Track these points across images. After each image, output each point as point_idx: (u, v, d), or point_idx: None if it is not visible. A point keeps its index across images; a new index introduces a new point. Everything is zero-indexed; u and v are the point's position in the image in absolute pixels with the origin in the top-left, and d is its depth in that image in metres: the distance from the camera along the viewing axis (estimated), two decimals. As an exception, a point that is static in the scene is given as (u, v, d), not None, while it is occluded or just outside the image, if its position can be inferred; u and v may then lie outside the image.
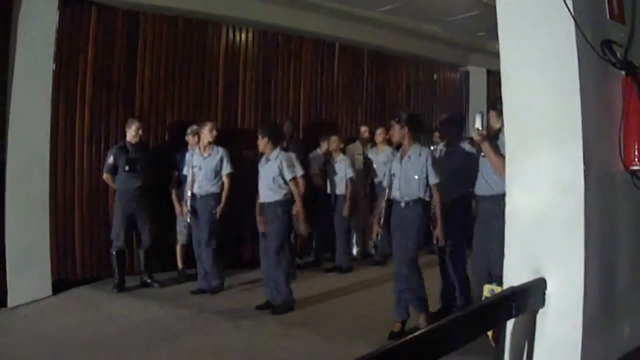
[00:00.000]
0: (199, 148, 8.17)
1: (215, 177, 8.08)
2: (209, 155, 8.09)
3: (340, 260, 9.63)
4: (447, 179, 6.56)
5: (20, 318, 6.87)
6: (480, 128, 5.23)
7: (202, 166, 8.05)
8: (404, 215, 6.29)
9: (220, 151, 8.15)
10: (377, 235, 6.74)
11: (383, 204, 6.72)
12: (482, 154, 5.68)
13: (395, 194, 6.40)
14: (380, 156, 9.87)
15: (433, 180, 6.26)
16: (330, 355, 5.55)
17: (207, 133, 8.11)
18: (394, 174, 6.48)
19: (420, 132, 6.62)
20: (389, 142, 9.31)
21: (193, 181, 8.07)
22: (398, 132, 6.45)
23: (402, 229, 6.28)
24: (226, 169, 8.12)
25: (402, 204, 6.32)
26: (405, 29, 11.53)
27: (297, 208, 7.32)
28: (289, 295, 7.25)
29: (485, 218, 5.59)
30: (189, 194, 8.07)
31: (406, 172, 6.33)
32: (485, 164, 5.58)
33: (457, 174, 6.64)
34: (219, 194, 8.09)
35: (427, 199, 6.30)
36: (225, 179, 8.12)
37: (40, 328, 6.52)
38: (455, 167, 6.75)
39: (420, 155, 6.32)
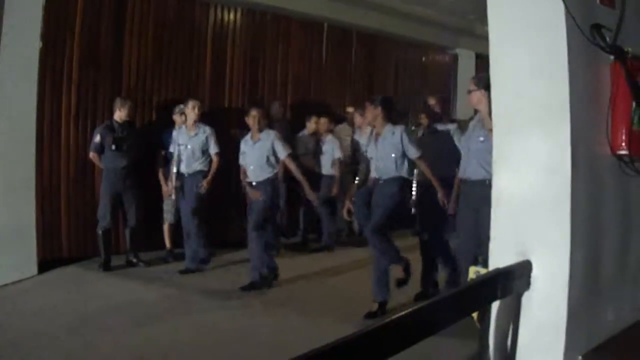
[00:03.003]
0: (186, 126, 8.15)
1: (202, 156, 8.09)
2: (195, 134, 8.08)
3: (326, 238, 9.70)
4: (432, 159, 6.57)
5: (5, 297, 6.83)
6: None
7: (189, 145, 8.05)
8: (381, 192, 6.34)
9: (206, 130, 8.14)
10: (349, 212, 6.79)
11: (355, 183, 6.77)
12: (481, 138, 5.54)
13: (374, 174, 6.46)
14: (363, 138, 9.86)
15: (414, 154, 6.30)
16: (314, 335, 5.53)
17: (190, 111, 8.10)
18: (371, 157, 6.51)
19: (394, 113, 6.61)
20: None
21: (179, 159, 8.07)
22: (371, 112, 6.47)
23: (378, 205, 6.32)
24: (214, 148, 8.12)
25: (381, 182, 6.38)
26: (395, 11, 11.51)
27: (301, 181, 7.34)
28: (272, 263, 7.32)
29: (476, 202, 5.39)
30: (174, 171, 8.08)
31: (382, 151, 6.38)
32: (480, 146, 5.46)
33: (442, 155, 6.65)
34: (206, 172, 8.10)
35: (405, 175, 6.32)
36: (214, 158, 8.12)
37: (25, 307, 6.50)
38: (440, 148, 6.77)
39: (394, 133, 6.35)
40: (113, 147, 7.93)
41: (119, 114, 8.08)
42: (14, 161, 7.37)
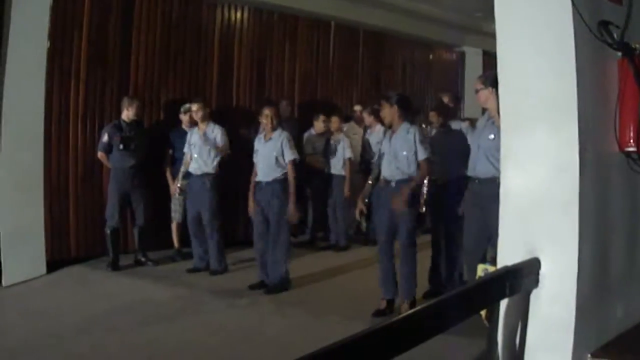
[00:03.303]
0: (198, 127, 8.14)
1: (209, 156, 8.01)
2: (204, 133, 8.06)
3: (339, 238, 9.69)
4: (444, 158, 6.55)
5: (15, 297, 6.87)
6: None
7: (198, 145, 8.03)
8: (395, 196, 6.30)
9: (215, 129, 8.11)
10: (361, 213, 6.77)
11: (369, 183, 6.74)
12: (491, 136, 5.49)
13: (386, 173, 6.40)
14: (372, 137, 9.84)
15: (421, 155, 6.26)
16: (322, 334, 5.53)
17: (193, 113, 8.14)
18: (383, 153, 6.48)
19: (410, 111, 6.57)
20: (381, 121, 9.28)
21: (190, 159, 8.06)
22: (388, 111, 6.43)
23: (400, 220, 6.29)
24: (221, 141, 8.06)
25: (393, 184, 6.32)
26: (402, 9, 11.50)
27: (291, 192, 7.22)
28: (285, 276, 7.23)
29: (486, 200, 5.28)
30: (182, 170, 8.11)
31: (395, 149, 6.33)
32: (490, 144, 5.43)
33: (453, 153, 6.63)
34: (214, 175, 8.04)
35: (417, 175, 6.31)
36: (223, 149, 8.07)
37: (35, 307, 6.52)
38: (452, 147, 6.75)
39: (408, 132, 6.32)
40: (121, 146, 7.94)
41: (127, 113, 8.09)
42: (22, 161, 7.39)
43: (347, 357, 1.81)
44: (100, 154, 8.09)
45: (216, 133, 8.08)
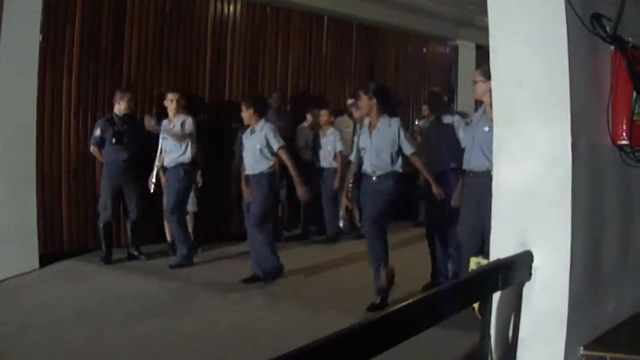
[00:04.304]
0: (168, 119, 8.14)
1: (180, 148, 7.97)
2: (173, 126, 8.05)
3: (329, 230, 9.71)
4: (436, 152, 6.52)
5: (7, 291, 6.85)
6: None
7: (167, 137, 8.02)
8: (376, 189, 6.26)
9: (182, 118, 8.09)
10: (347, 209, 6.73)
11: (350, 178, 6.69)
12: (486, 128, 5.48)
13: (367, 168, 6.34)
14: (364, 130, 9.82)
15: (409, 150, 6.22)
16: (317, 328, 5.56)
17: (169, 103, 8.14)
18: (363, 148, 6.43)
19: (389, 104, 6.50)
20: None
21: (161, 152, 8.06)
22: (366, 103, 6.37)
23: (374, 202, 6.26)
24: (188, 128, 8.03)
25: (374, 178, 6.28)
26: (395, 2, 11.49)
27: (293, 174, 7.16)
28: (276, 262, 7.24)
29: (480, 193, 5.26)
30: (157, 165, 8.11)
31: (377, 145, 6.27)
32: (485, 137, 5.40)
33: (446, 147, 6.61)
34: (187, 164, 8.00)
35: (399, 170, 6.27)
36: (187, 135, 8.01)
37: (27, 301, 6.51)
38: (443, 140, 6.73)
39: (390, 126, 6.25)
40: (113, 140, 7.91)
41: (119, 107, 8.07)
42: (14, 155, 7.36)
43: (341, 350, 1.81)
44: (92, 148, 8.06)
45: (182, 119, 8.05)
